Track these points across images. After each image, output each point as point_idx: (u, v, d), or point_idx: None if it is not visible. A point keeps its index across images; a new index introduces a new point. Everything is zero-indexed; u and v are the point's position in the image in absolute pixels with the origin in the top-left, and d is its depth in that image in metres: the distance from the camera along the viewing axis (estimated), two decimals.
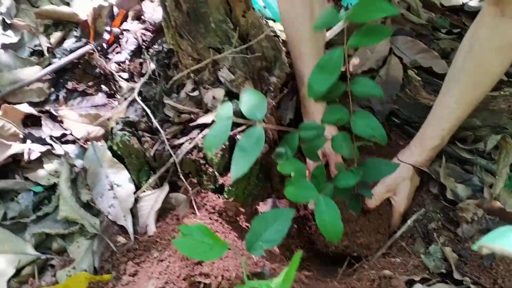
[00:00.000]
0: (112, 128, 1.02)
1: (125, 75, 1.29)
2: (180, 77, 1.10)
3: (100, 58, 1.28)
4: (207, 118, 1.02)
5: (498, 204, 1.01)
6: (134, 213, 1.01)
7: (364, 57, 1.26)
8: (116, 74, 1.27)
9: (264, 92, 1.11)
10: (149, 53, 1.26)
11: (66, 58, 1.27)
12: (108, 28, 1.33)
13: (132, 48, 1.30)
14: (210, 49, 1.08)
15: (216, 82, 1.06)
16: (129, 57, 1.30)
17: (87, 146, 1.12)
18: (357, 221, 1.09)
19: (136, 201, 1.01)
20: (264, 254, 0.84)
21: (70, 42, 1.34)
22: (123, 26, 1.34)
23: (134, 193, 1.02)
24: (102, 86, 1.31)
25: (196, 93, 1.05)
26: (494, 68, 0.95)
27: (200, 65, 1.07)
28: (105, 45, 1.33)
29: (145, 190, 1.02)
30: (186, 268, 0.87)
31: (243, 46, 1.06)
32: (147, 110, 1.01)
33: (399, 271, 0.94)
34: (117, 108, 1.05)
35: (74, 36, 1.34)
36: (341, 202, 1.12)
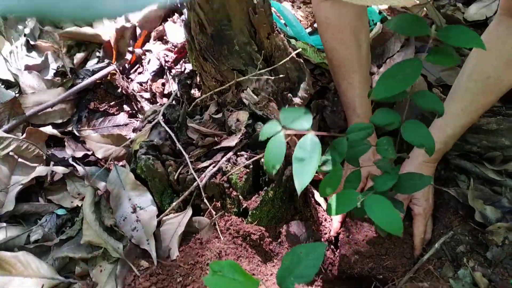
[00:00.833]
0: (135, 151, 1.01)
1: (147, 95, 1.29)
2: (203, 98, 1.10)
3: (122, 78, 1.29)
4: (231, 141, 1.01)
5: None
6: (156, 236, 1.00)
7: None
8: (137, 94, 1.27)
9: None
10: (171, 73, 1.26)
11: (89, 79, 1.28)
12: (130, 48, 1.34)
13: (154, 68, 1.31)
14: (233, 71, 1.07)
15: (239, 104, 1.05)
16: (151, 77, 1.31)
17: (109, 166, 1.12)
18: (382, 244, 1.08)
19: (158, 224, 1.01)
20: None
21: (92, 62, 1.35)
22: (146, 47, 1.35)
23: (157, 216, 1.01)
24: (124, 106, 1.32)
25: (219, 115, 1.04)
26: (504, 78, 0.93)
27: (223, 87, 1.07)
28: (127, 65, 1.34)
29: (168, 213, 1.01)
30: None
31: (268, 69, 1.05)
32: (171, 133, 1.01)
33: None
34: (140, 130, 1.05)
35: (97, 56, 1.36)
36: (368, 221, 1.11)
